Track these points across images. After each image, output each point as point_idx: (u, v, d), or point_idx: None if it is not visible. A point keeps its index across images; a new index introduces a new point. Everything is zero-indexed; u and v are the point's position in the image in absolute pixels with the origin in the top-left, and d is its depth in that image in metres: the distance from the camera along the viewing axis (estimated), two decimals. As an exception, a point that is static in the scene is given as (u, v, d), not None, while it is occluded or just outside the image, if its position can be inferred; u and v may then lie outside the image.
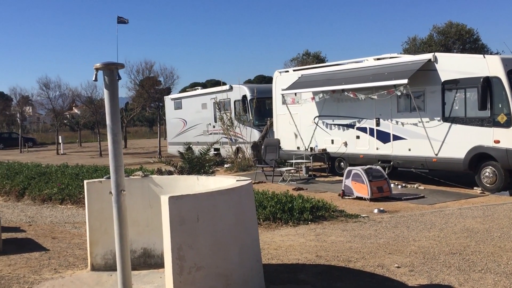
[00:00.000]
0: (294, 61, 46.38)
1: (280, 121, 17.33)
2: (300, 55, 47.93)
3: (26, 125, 58.48)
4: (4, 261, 6.15)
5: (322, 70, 16.44)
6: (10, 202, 13.20)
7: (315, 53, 48.09)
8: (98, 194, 5.81)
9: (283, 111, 17.09)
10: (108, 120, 4.93)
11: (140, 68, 31.83)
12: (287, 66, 41.87)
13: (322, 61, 40.85)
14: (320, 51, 49.30)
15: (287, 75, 17.29)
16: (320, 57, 46.95)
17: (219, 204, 4.39)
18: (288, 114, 16.84)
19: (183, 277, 4.10)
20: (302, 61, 43.37)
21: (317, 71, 16.56)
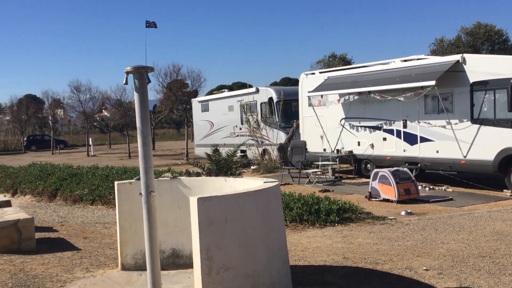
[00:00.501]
0: (320, 63, 46.23)
1: (306, 123, 17.28)
2: (326, 57, 47.77)
3: (57, 127, 59.59)
4: (38, 260, 6.27)
5: (348, 72, 16.35)
6: (42, 202, 13.46)
7: (341, 55, 47.87)
8: (128, 195, 5.88)
9: (309, 113, 17.04)
10: (138, 122, 4.99)
11: (168, 71, 32.13)
12: (313, 69, 41.74)
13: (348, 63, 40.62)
14: (346, 53, 49.09)
15: (313, 77, 17.24)
16: (346, 59, 46.70)
17: (247, 206, 4.40)
18: (314, 116, 16.79)
19: (211, 277, 4.12)
20: (328, 63, 43.19)
21: (344, 73, 16.47)
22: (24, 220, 6.83)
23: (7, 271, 5.65)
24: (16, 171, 17.80)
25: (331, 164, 15.87)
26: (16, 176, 16.55)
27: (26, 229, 6.79)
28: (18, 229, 6.72)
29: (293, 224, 8.53)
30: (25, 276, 5.49)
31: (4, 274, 5.52)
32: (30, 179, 15.37)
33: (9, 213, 7.40)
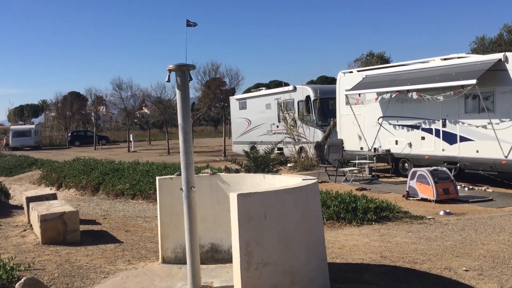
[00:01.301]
0: (357, 61, 45.71)
1: (344, 122, 17.13)
2: (364, 55, 47.19)
3: (100, 123, 60.89)
4: (82, 251, 6.42)
5: (386, 71, 16.11)
6: (86, 196, 13.79)
7: (379, 53, 47.20)
8: (168, 190, 5.96)
9: (347, 112, 16.89)
10: (179, 119, 5.05)
11: (207, 69, 32.34)
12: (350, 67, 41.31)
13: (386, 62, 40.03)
14: (384, 52, 48.36)
15: (351, 76, 17.07)
16: (384, 57, 46.02)
17: (286, 202, 4.40)
18: (352, 114, 16.63)
19: (250, 272, 4.13)
20: (366, 62, 42.66)
21: (382, 72, 16.24)
22: (70, 213, 7.01)
23: (54, 262, 5.81)
24: (61, 166, 18.31)
25: (368, 162, 15.68)
26: (61, 171, 17.03)
27: (71, 221, 6.97)
28: (64, 221, 6.90)
29: (330, 222, 8.48)
30: (71, 266, 5.64)
31: (50, 264, 5.68)
32: (74, 174, 15.78)
33: (55, 205, 7.60)
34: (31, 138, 49.30)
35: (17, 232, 7.65)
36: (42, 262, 5.74)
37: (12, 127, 54.66)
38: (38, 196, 8.98)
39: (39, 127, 56.60)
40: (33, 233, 7.46)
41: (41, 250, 6.38)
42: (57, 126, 64.16)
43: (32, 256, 6.01)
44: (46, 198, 8.87)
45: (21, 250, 6.40)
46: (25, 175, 20.25)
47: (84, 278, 5.25)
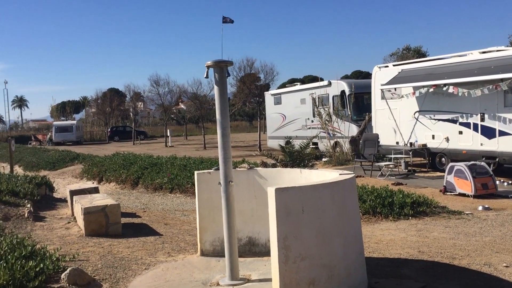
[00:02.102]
0: (393, 56, 45.00)
1: (379, 116, 16.91)
2: (400, 50, 46.43)
3: (138, 119, 61.83)
4: (124, 243, 6.55)
5: (423, 65, 15.80)
6: (126, 190, 14.03)
7: (416, 47, 46.35)
8: (207, 184, 6.02)
9: (382, 106, 16.66)
10: (218, 114, 5.09)
11: (242, 65, 32.42)
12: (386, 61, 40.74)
13: (423, 56, 39.24)
14: (421, 46, 47.45)
15: (387, 70, 16.82)
16: (421, 51, 45.16)
17: (323, 197, 4.38)
18: (387, 109, 16.40)
19: (288, 266, 4.13)
20: (402, 56, 41.95)
21: (418, 66, 15.94)
22: (111, 206, 7.16)
23: (97, 253, 5.95)
24: (101, 160, 18.69)
25: (404, 157, 15.45)
26: (102, 165, 17.37)
27: (113, 214, 7.11)
28: (106, 214, 7.05)
29: (366, 217, 8.40)
30: (113, 258, 5.76)
31: (94, 256, 5.81)
32: (114, 168, 16.07)
33: (97, 199, 7.77)
34: (73, 133, 50.52)
35: (62, 224, 7.86)
36: (86, 254, 5.88)
37: (55, 123, 56.14)
38: (81, 189, 9.20)
39: (80, 122, 57.97)
40: (76, 225, 7.65)
41: (84, 242, 6.54)
42: (97, 121, 65.57)
43: (77, 248, 6.16)
44: (89, 191, 9.07)
45: (66, 241, 6.57)
46: (68, 169, 20.74)
47: (126, 269, 5.35)
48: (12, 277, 4.43)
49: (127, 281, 5.00)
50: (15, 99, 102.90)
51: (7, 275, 4.43)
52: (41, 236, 6.88)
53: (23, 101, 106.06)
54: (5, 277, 4.39)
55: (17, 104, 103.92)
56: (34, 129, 74.68)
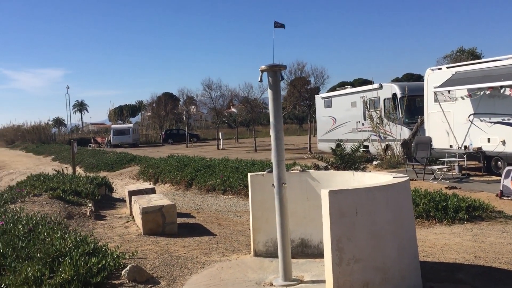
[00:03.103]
0: (447, 58, 43.81)
1: (432, 119, 16.49)
2: (454, 52, 45.14)
3: (191, 122, 62.84)
4: (180, 242, 6.68)
5: (478, 67, 15.29)
6: (180, 191, 14.30)
7: (470, 49, 44.94)
8: (260, 186, 6.05)
9: (435, 109, 16.24)
10: (271, 118, 5.11)
11: (293, 69, 32.41)
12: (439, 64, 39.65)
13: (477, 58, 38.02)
14: (475, 48, 45.97)
15: (440, 73, 16.38)
16: (475, 53, 43.75)
17: (377, 200, 4.32)
18: (441, 111, 15.97)
19: (342, 268, 4.10)
20: (456, 58, 40.76)
21: (473, 68, 15.43)
22: (168, 206, 7.31)
23: (154, 251, 6.09)
24: (157, 162, 19.12)
25: (457, 160, 15.00)
26: (157, 167, 17.77)
27: (169, 214, 7.26)
28: (163, 214, 7.21)
29: (419, 220, 8.21)
30: (170, 256, 5.88)
31: (152, 254, 5.96)
32: (169, 170, 16.41)
33: (154, 199, 7.96)
34: (129, 136, 51.96)
35: (121, 223, 8.10)
36: (144, 252, 6.04)
37: (112, 126, 57.89)
38: (138, 190, 9.44)
39: (136, 126, 59.59)
40: (135, 224, 7.86)
41: (142, 240, 6.71)
42: (152, 125, 67.17)
43: (135, 246, 6.33)
44: (146, 192, 9.31)
45: (125, 240, 6.77)
46: (125, 170, 21.34)
47: (183, 267, 5.46)
48: (76, 273, 4.61)
49: (183, 279, 5.10)
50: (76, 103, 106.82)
51: (72, 271, 4.60)
52: (102, 234, 7.12)
53: (83, 105, 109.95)
54: (70, 272, 4.57)
55: (77, 108, 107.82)
56: (93, 132, 77.27)
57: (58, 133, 70.57)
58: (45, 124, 66.73)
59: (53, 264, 4.85)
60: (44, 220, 6.85)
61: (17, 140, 63.43)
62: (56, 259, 4.97)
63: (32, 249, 5.31)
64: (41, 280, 4.46)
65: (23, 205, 8.35)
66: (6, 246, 5.44)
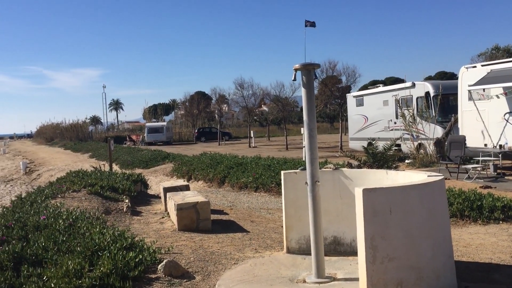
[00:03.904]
0: (482, 56, 42.76)
1: (466, 118, 16.12)
2: (489, 50, 44.04)
3: (223, 121, 63.15)
4: (213, 239, 6.73)
5: (514, 64, 14.87)
6: (213, 188, 14.40)
7: (505, 47, 43.75)
8: (293, 184, 6.05)
9: (469, 107, 15.87)
10: (305, 116, 5.10)
11: (324, 67, 32.17)
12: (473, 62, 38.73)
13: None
14: (511, 45, 44.69)
15: (474, 71, 16.00)
16: (511, 51, 42.55)
17: (411, 198, 4.27)
18: (475, 110, 15.59)
19: (375, 266, 4.07)
20: (491, 56, 39.75)
21: (508, 66, 14.99)
22: (202, 203, 7.38)
23: (189, 247, 6.16)
24: (190, 160, 19.30)
25: (492, 159, 14.63)
26: (191, 164, 17.94)
27: (203, 210, 7.33)
28: (197, 210, 7.28)
29: (453, 220, 8.06)
30: (204, 252, 5.94)
31: (186, 249, 6.02)
32: (202, 167, 16.54)
33: (189, 196, 8.04)
34: (163, 134, 52.57)
35: (156, 219, 8.21)
36: (179, 247, 6.11)
37: (147, 124, 58.71)
38: (173, 187, 9.55)
39: (170, 124, 60.26)
40: (170, 220, 7.96)
41: (177, 236, 6.79)
42: (185, 123, 67.82)
43: (170, 241, 6.41)
44: (180, 189, 9.41)
45: (161, 235, 6.86)
46: (159, 167, 21.61)
47: (217, 263, 5.50)
48: (114, 266, 4.70)
49: (217, 274, 5.14)
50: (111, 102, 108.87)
51: (110, 264, 4.70)
52: (138, 229, 7.23)
53: (119, 104, 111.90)
54: (108, 266, 4.67)
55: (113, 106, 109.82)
56: (128, 130, 78.52)
57: (94, 131, 71.94)
58: (82, 122, 68.12)
59: (93, 258, 4.96)
60: (83, 215, 7.00)
61: (56, 137, 64.97)
62: (95, 253, 5.08)
63: (72, 243, 5.45)
64: (81, 273, 4.57)
65: (63, 200, 8.56)
66: (47, 239, 5.60)
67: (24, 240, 5.71)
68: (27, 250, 5.24)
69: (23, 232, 6.04)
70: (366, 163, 11.89)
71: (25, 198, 8.93)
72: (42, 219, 6.52)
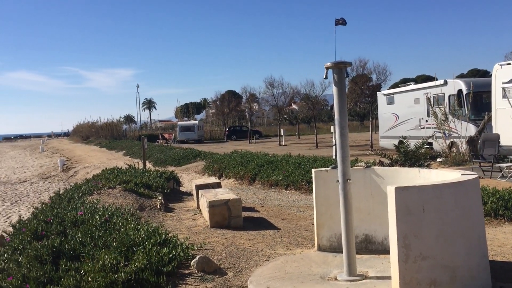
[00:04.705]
0: (516, 52, 41.61)
1: (500, 116, 15.70)
2: (523, 46, 42.83)
3: (253, 119, 63.29)
4: (245, 236, 6.74)
5: (550, 61, 14.41)
6: (243, 185, 14.43)
7: (540, 43, 42.52)
8: (324, 181, 6.00)
9: (504, 105, 15.45)
10: (336, 114, 5.06)
11: (354, 66, 31.81)
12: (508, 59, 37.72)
13: (548, 51, 35.83)
14: (546, 42, 43.38)
15: (509, 68, 15.56)
16: (546, 47, 41.29)
17: (445, 197, 4.18)
18: (509, 108, 15.16)
19: (408, 265, 4.01)
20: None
21: (545, 62, 14.57)
22: (233, 200, 7.41)
23: (221, 243, 6.19)
24: (221, 158, 19.38)
25: (527, 158, 14.21)
26: (222, 162, 18.01)
27: (235, 208, 7.35)
28: (229, 208, 7.31)
29: (487, 219, 7.85)
30: (236, 249, 5.96)
31: (218, 246, 6.05)
32: (233, 165, 16.59)
33: (220, 193, 8.08)
34: (194, 132, 52.97)
35: (189, 215, 8.28)
36: (211, 243, 6.15)
37: (179, 123, 59.26)
38: (205, 184, 9.62)
39: (201, 122, 60.69)
40: (202, 217, 8.02)
41: (209, 233, 6.83)
42: (216, 121, 68.19)
43: (203, 238, 6.45)
44: (212, 186, 9.46)
45: (193, 232, 6.92)
46: (191, 165, 21.78)
47: (248, 260, 5.51)
48: (149, 261, 4.76)
49: (249, 271, 5.15)
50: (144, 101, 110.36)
51: (145, 260, 4.76)
52: (171, 225, 7.31)
53: (152, 103, 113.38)
54: (143, 261, 4.73)
55: (146, 106, 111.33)
56: (160, 129, 79.47)
57: (128, 130, 73.06)
58: (116, 121, 69.22)
59: (128, 253, 5.03)
60: (118, 211, 7.12)
61: (91, 136, 66.25)
62: (130, 248, 5.16)
63: (108, 238, 5.54)
64: (117, 268, 4.65)
65: (99, 196, 8.72)
66: (85, 235, 5.71)
67: (62, 235, 5.84)
68: (65, 244, 5.36)
69: (61, 227, 6.18)
70: (398, 161, 11.71)
71: (63, 195, 9.14)
72: (79, 215, 6.66)
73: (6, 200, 19.55)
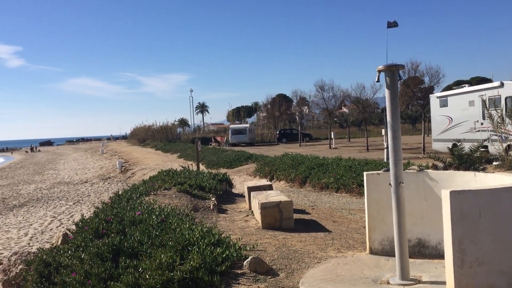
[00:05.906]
0: None
1: (561, 118, 14.93)
2: None
3: (303, 122, 62.99)
4: (296, 237, 6.73)
5: None
6: (294, 188, 14.39)
7: None
8: (376, 185, 5.90)
9: None
10: (388, 117, 4.96)
11: (406, 68, 31.11)
12: None
13: None
14: None
15: None
16: None
17: (503, 201, 4.01)
18: None
19: (464, 270, 3.87)
20: None
21: None
22: (285, 202, 7.41)
23: (273, 245, 6.20)
24: (272, 160, 19.42)
25: None
26: (273, 164, 18.04)
27: (286, 209, 7.35)
28: (280, 210, 7.32)
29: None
30: (287, 250, 5.95)
31: (270, 247, 6.07)
32: (284, 167, 16.59)
33: (272, 195, 8.10)
34: (246, 135, 53.35)
35: (241, 217, 8.35)
36: (263, 244, 6.17)
37: (231, 126, 59.89)
38: (256, 186, 9.67)
39: (252, 125, 61.06)
40: (254, 218, 8.06)
41: (261, 234, 6.86)
42: (267, 124, 68.42)
43: (255, 239, 6.49)
44: (264, 188, 9.50)
45: (245, 233, 6.96)
46: (243, 167, 21.95)
47: (300, 261, 5.49)
48: (203, 261, 4.84)
49: (301, 272, 5.13)
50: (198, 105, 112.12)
51: (200, 259, 4.84)
52: (224, 226, 7.39)
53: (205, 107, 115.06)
54: (197, 260, 4.81)
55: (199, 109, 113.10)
56: (213, 132, 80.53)
57: (182, 133, 74.46)
58: (171, 124, 70.75)
59: (183, 252, 5.14)
60: (174, 211, 7.27)
61: (147, 138, 68.02)
62: (185, 248, 5.26)
63: (165, 237, 5.67)
64: (173, 266, 4.75)
65: (156, 197, 8.93)
66: (142, 234, 5.87)
67: (121, 234, 6.03)
68: (124, 243, 5.53)
69: (120, 226, 6.38)
70: (452, 164, 11.32)
71: (122, 195, 9.44)
72: (137, 214, 6.85)
73: (69, 199, 20.39)
